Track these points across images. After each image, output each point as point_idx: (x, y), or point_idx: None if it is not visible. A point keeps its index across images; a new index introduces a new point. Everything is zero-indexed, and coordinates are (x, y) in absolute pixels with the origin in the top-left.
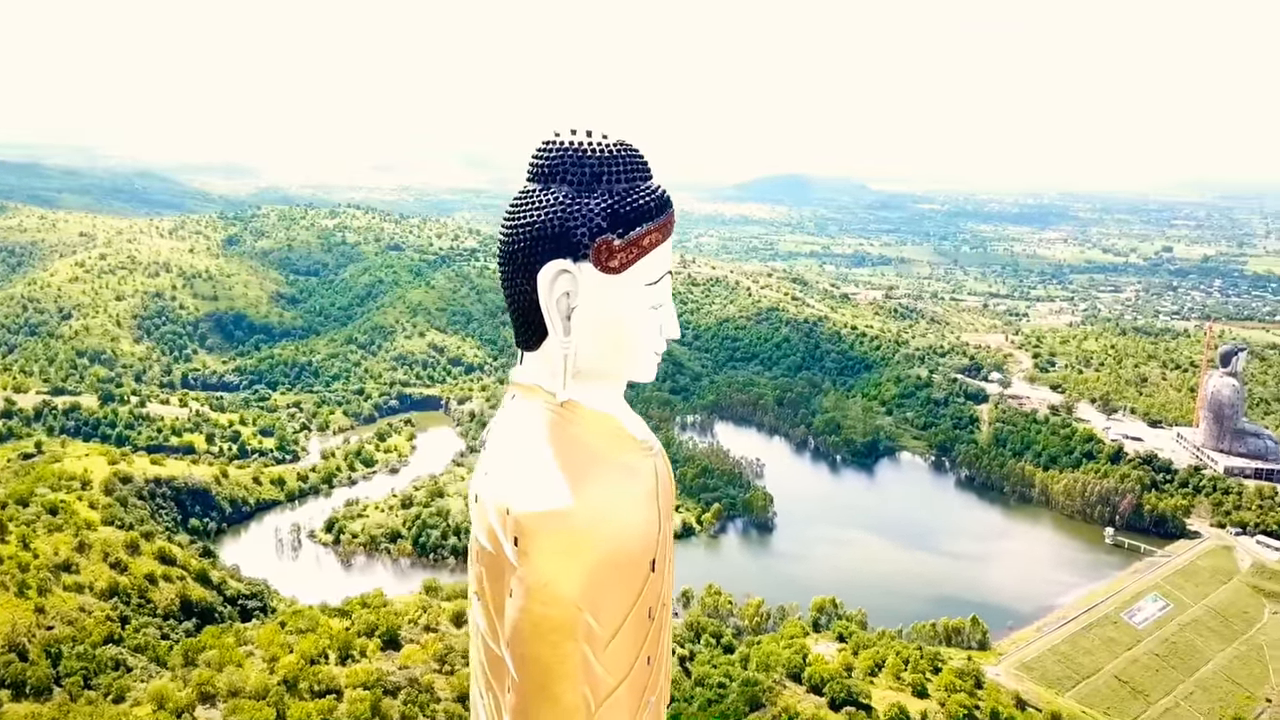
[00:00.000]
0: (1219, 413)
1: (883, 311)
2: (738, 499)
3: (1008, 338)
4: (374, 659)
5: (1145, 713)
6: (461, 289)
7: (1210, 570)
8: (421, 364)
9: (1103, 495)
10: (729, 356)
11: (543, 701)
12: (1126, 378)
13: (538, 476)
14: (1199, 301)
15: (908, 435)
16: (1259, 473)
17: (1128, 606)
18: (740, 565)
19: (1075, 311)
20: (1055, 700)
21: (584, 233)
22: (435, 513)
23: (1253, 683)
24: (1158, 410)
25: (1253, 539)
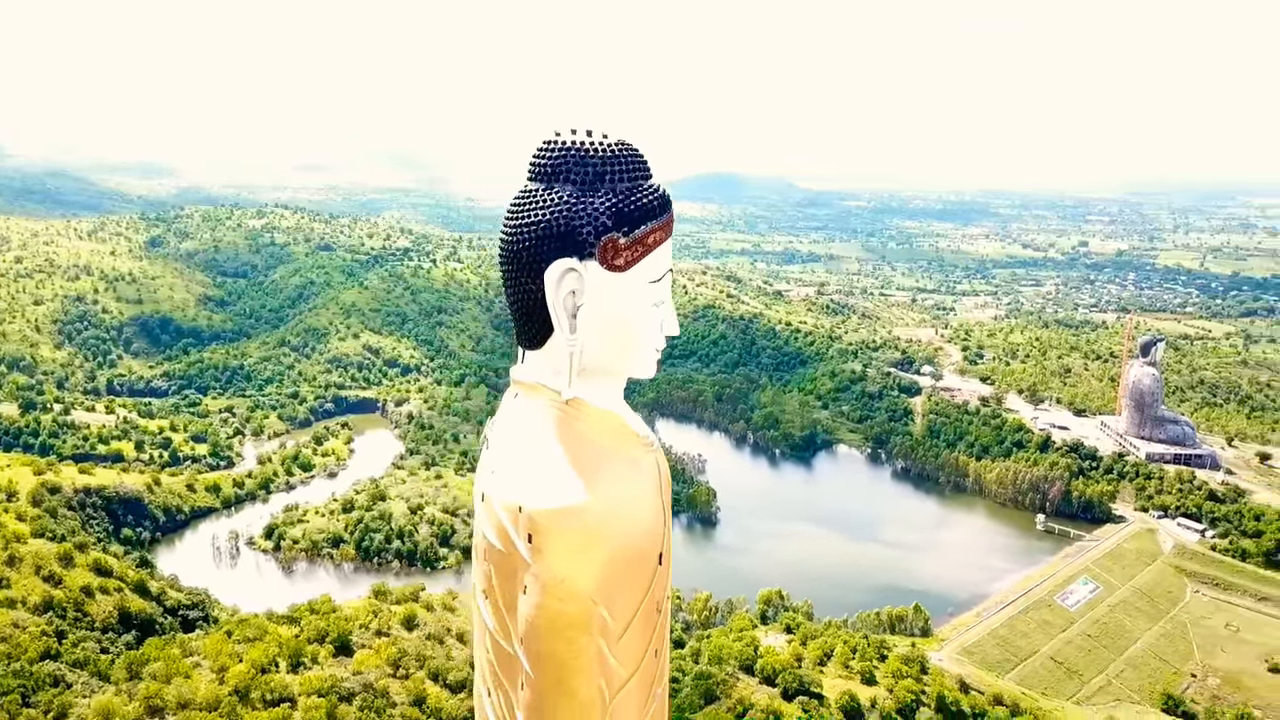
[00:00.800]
0: (1140, 401)
1: (815, 308)
2: (681, 495)
3: (937, 332)
4: (326, 665)
5: (1080, 691)
6: (396, 289)
7: (1136, 553)
8: (357, 366)
9: (1033, 483)
10: (667, 354)
11: (559, 696)
12: (1051, 369)
13: (549, 474)
14: (1115, 294)
15: (844, 428)
16: (1178, 458)
17: (1060, 590)
18: (686, 560)
19: (999, 305)
20: (996, 683)
21: (590, 231)
22: (378, 516)
23: (1178, 659)
24: (1082, 400)
25: (1174, 521)
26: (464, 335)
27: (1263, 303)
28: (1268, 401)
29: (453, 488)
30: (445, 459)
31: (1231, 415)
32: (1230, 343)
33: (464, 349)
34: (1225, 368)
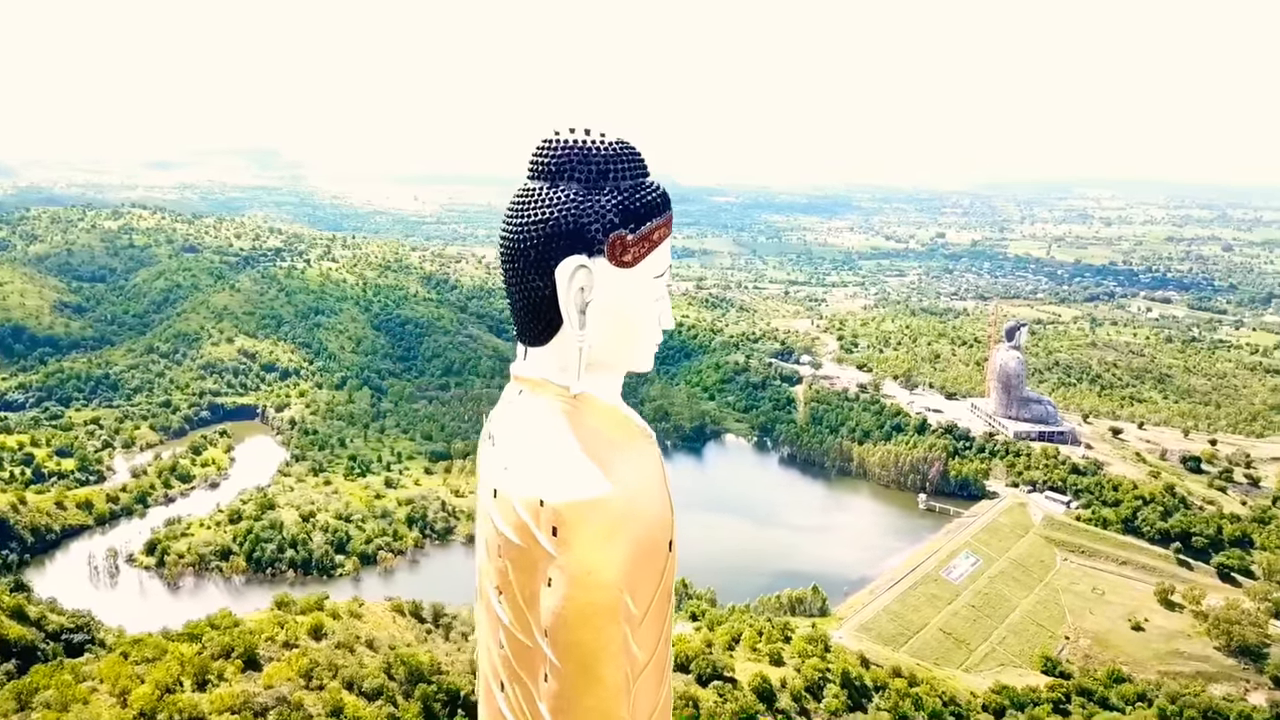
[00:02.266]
0: (1007, 383)
1: (696, 302)
2: None
3: (813, 322)
4: (235, 681)
5: (968, 659)
6: (269, 291)
7: (1010, 526)
8: (232, 371)
9: (913, 464)
10: None
11: (587, 683)
12: (922, 355)
13: (567, 468)
14: (972, 283)
15: (731, 418)
16: (1042, 435)
17: (944, 565)
18: None
19: (867, 296)
20: (893, 656)
21: (598, 229)
22: (268, 526)
23: (1053, 623)
24: (952, 383)
25: (1042, 495)
26: (344, 337)
27: (1104, 288)
28: (1115, 380)
29: (344, 493)
30: (333, 464)
31: (1085, 394)
32: (1078, 326)
33: (344, 351)
34: (1076, 350)
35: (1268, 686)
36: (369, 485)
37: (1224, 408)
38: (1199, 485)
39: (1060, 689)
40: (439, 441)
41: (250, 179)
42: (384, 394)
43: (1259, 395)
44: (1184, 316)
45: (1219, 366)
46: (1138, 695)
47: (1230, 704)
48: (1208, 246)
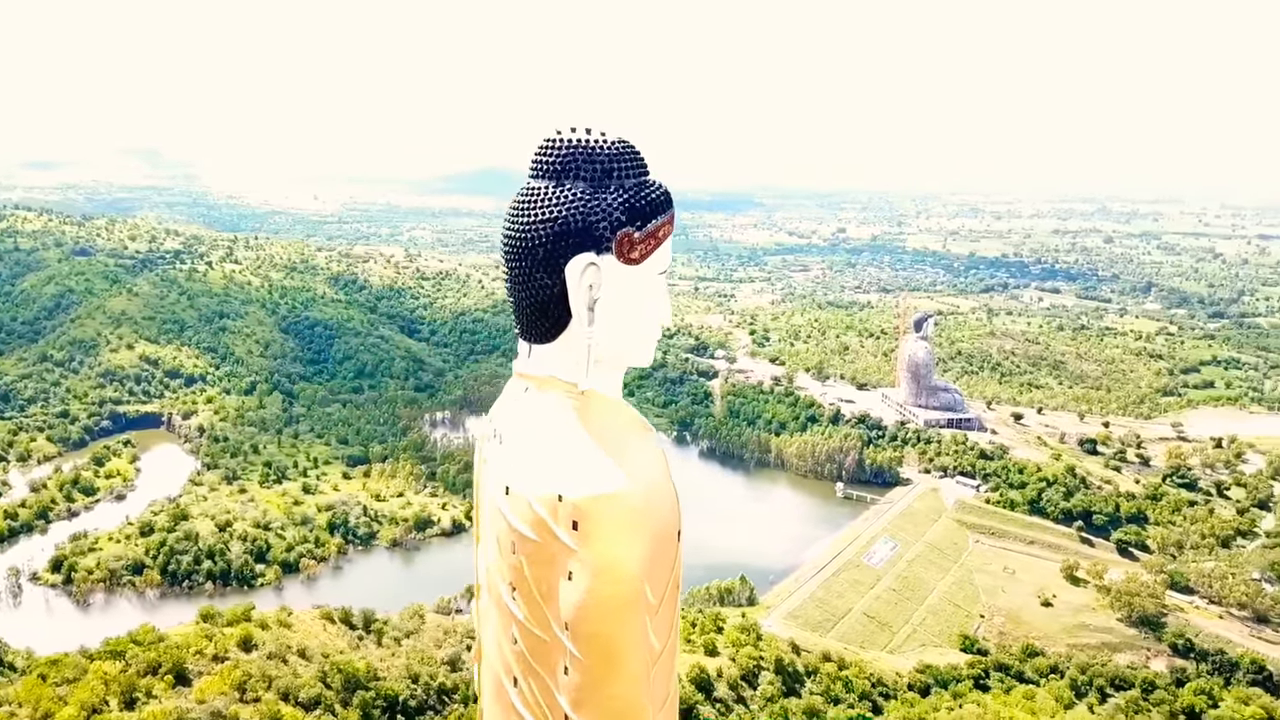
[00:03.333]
0: (916, 373)
1: None
2: None
3: (725, 318)
4: (166, 698)
5: (892, 641)
6: (170, 294)
7: (924, 511)
8: (134, 379)
9: (829, 454)
10: (470, 350)
11: (609, 673)
12: (831, 347)
13: (584, 464)
14: (874, 276)
15: (651, 414)
16: (951, 422)
17: (865, 550)
18: None
19: (775, 291)
20: (821, 642)
21: (605, 227)
22: (183, 537)
23: (969, 603)
24: (862, 374)
25: (953, 480)
26: (251, 340)
27: (998, 279)
28: (1014, 368)
29: (260, 501)
30: (248, 472)
31: (987, 381)
32: (976, 316)
33: (252, 355)
34: (977, 339)
35: (1166, 654)
36: (286, 492)
37: (1114, 391)
38: (1096, 466)
39: (979, 665)
40: (356, 445)
41: (139, 179)
42: (295, 398)
43: (1145, 379)
44: (1073, 306)
45: (1108, 353)
46: (1050, 668)
47: (1134, 671)
48: (1090, 239)
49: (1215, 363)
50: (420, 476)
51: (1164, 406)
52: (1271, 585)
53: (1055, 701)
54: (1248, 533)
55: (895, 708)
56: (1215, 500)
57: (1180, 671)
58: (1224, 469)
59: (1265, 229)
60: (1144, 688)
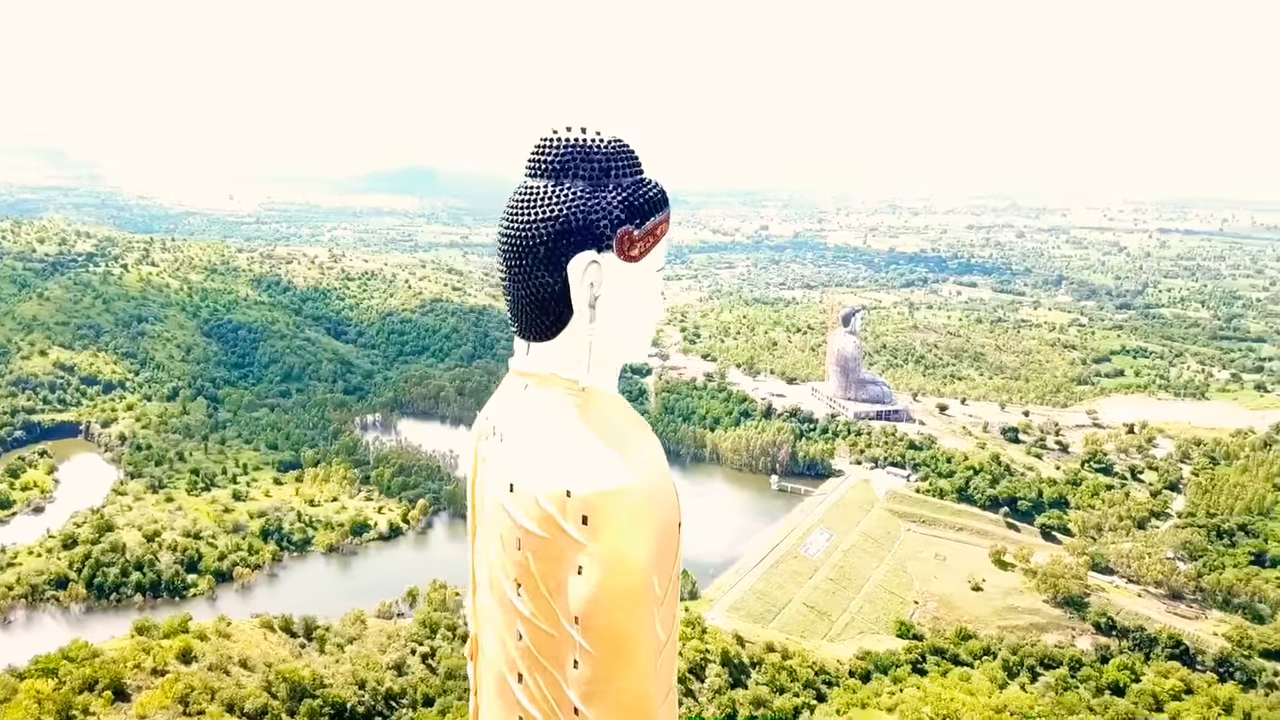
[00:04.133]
0: (845, 366)
1: None
2: (441, 493)
3: None
4: (105, 715)
5: (831, 630)
6: (84, 299)
7: (857, 501)
8: (48, 387)
9: (763, 448)
10: (399, 351)
11: (621, 665)
12: (760, 343)
13: (591, 459)
14: (798, 273)
15: None
16: (880, 415)
17: (802, 542)
18: (457, 558)
19: (701, 288)
20: (764, 633)
21: (606, 225)
22: (109, 549)
23: (903, 590)
24: (792, 369)
25: (884, 471)
26: (171, 345)
27: (917, 274)
28: (937, 360)
29: (189, 510)
30: (174, 480)
31: (911, 374)
32: (898, 311)
33: (173, 360)
34: (900, 333)
35: (1091, 632)
36: (216, 499)
37: (1032, 381)
38: (1019, 453)
39: (916, 650)
40: (286, 450)
41: (42, 179)
42: (221, 403)
43: (1060, 369)
44: (989, 299)
45: (1024, 344)
46: (984, 650)
47: (1062, 650)
48: (1003, 234)
49: (1124, 352)
50: (354, 480)
51: (1079, 395)
52: (1184, 564)
53: (990, 682)
54: (1161, 514)
55: (838, 695)
56: (1130, 484)
57: (1104, 649)
58: (1137, 454)
59: (1165, 223)
60: (1071, 665)
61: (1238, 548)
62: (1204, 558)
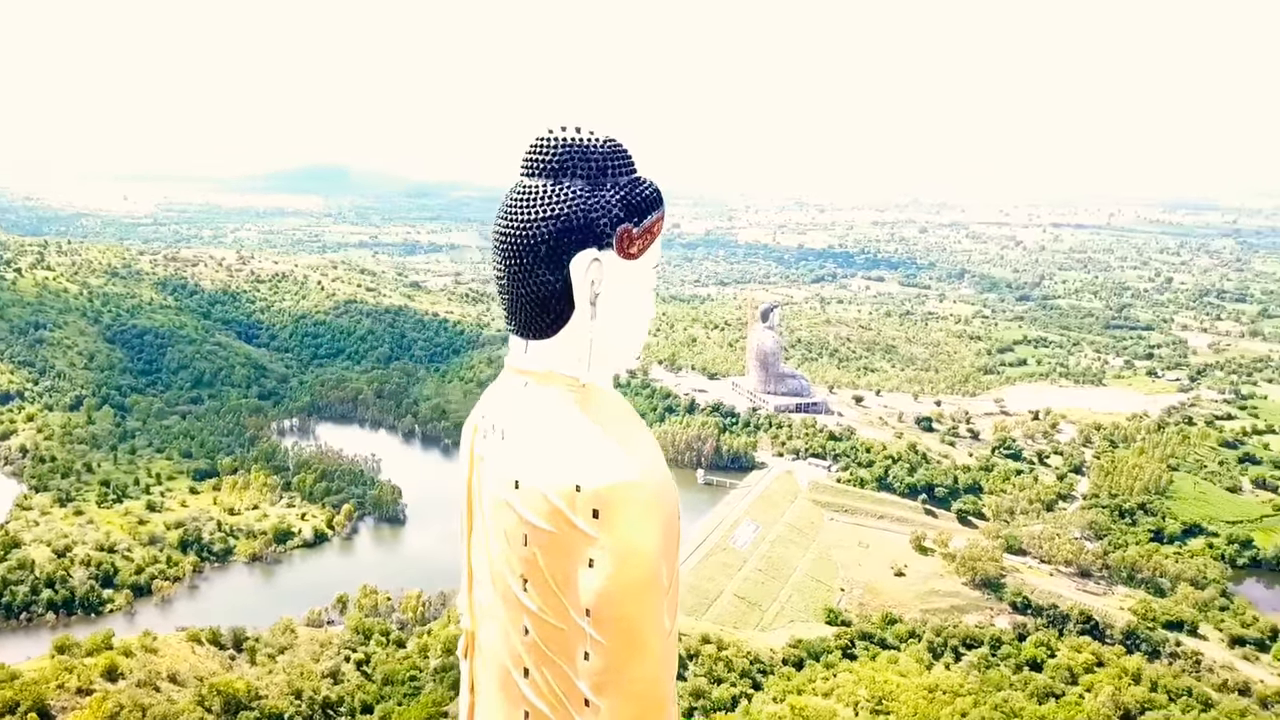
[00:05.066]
0: (764, 361)
1: (456, 297)
2: (365, 497)
3: None
4: None
5: (763, 620)
6: None
7: (781, 493)
8: None
9: (688, 443)
10: (313, 354)
11: (634, 655)
12: (680, 340)
13: (598, 454)
14: (711, 270)
15: None
16: (799, 407)
17: (730, 534)
18: (385, 562)
19: None
20: (698, 625)
21: (606, 223)
22: (16, 566)
23: (829, 578)
24: (712, 365)
25: (805, 462)
26: (73, 352)
27: (826, 270)
28: (850, 354)
29: (101, 523)
30: (83, 492)
31: (827, 367)
32: (810, 306)
33: (75, 368)
34: (814, 327)
35: (1008, 611)
36: (129, 511)
37: (941, 372)
38: (934, 441)
39: (845, 636)
40: (201, 459)
41: None
42: (128, 412)
43: (967, 359)
44: (897, 293)
45: (933, 336)
46: (909, 633)
47: (982, 630)
48: (906, 229)
49: (1026, 342)
50: (275, 487)
51: (986, 384)
52: (1091, 543)
53: (917, 664)
54: (1067, 496)
55: (774, 683)
56: (1038, 468)
57: (1021, 627)
58: (1042, 439)
59: (1057, 218)
60: (992, 644)
61: (1138, 526)
62: (1108, 536)
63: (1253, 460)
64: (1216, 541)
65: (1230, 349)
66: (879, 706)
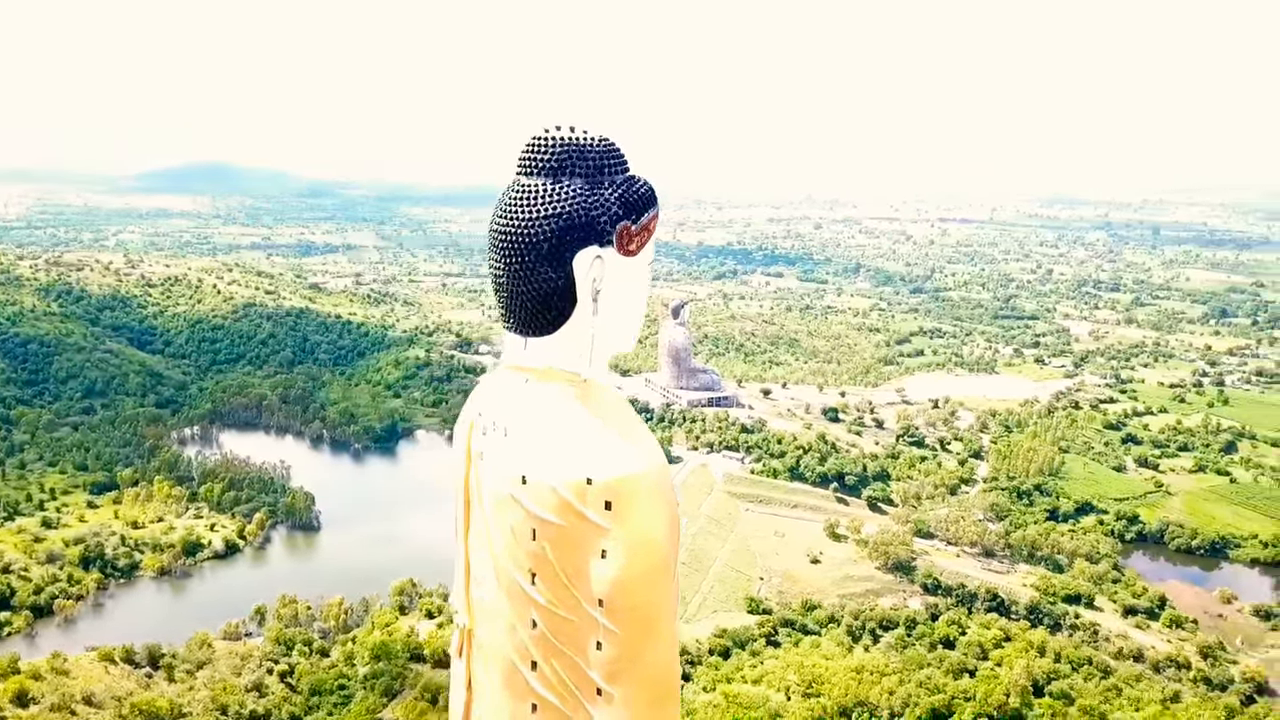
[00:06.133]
0: (676, 357)
1: (358, 299)
2: (277, 505)
3: (484, 313)
4: None
5: (686, 611)
6: None
7: (698, 485)
8: None
9: None
10: (212, 360)
11: (647, 641)
12: None
13: (606, 447)
14: None
15: (421, 414)
16: (711, 401)
17: None
18: (302, 570)
19: None
20: None
21: (606, 221)
22: None
23: (748, 567)
24: (625, 362)
25: (720, 455)
26: None
27: (727, 266)
28: (755, 348)
29: None
30: None
31: (734, 362)
32: (714, 302)
33: None
34: (720, 323)
35: (920, 593)
36: (23, 528)
37: (843, 364)
38: (841, 431)
39: (768, 623)
40: (97, 471)
41: None
42: (14, 425)
43: (867, 351)
44: (796, 288)
45: (833, 329)
46: (829, 618)
47: (897, 612)
48: (802, 225)
49: (922, 333)
50: (180, 498)
51: (886, 375)
52: (993, 524)
53: (838, 647)
54: (969, 480)
55: (703, 673)
56: (940, 454)
57: (933, 607)
58: (943, 426)
59: (944, 213)
60: (907, 625)
61: (1035, 506)
62: (1009, 517)
63: (1134, 440)
64: (1106, 518)
65: (1108, 336)
66: (809, 690)
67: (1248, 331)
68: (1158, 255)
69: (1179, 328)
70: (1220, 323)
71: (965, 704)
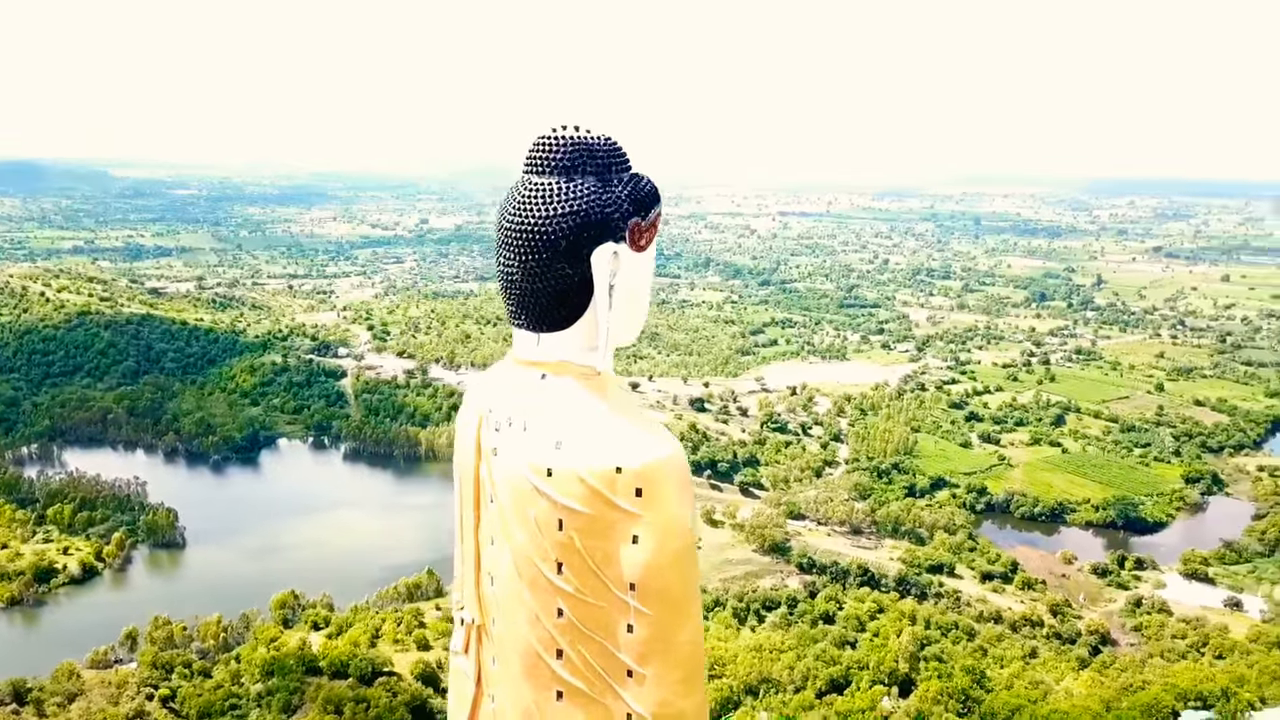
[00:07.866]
0: None
1: (202, 303)
2: (137, 523)
3: (338, 314)
4: None
5: None
6: None
7: None
8: None
9: None
10: (45, 372)
11: (679, 621)
12: (454, 337)
13: (631, 436)
14: (469, 265)
15: (282, 421)
16: None
17: None
18: (171, 589)
19: (374, 284)
20: None
21: (619, 217)
22: None
23: None
24: (491, 360)
25: None
26: None
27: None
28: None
29: None
30: None
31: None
32: None
33: None
34: None
35: (797, 572)
36: None
37: (704, 356)
38: (710, 420)
39: None
40: None
41: None
42: None
43: (724, 343)
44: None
45: (691, 322)
46: (714, 601)
47: (778, 592)
48: None
49: (775, 323)
50: (25, 521)
51: (745, 365)
52: (859, 503)
53: (727, 629)
54: (832, 462)
55: None
56: (804, 439)
57: (811, 585)
58: (803, 412)
59: (784, 207)
60: (789, 603)
61: (894, 484)
62: (872, 495)
63: (976, 418)
64: (958, 492)
65: (944, 321)
66: (713, 671)
67: (1065, 313)
68: (981, 244)
69: (1005, 311)
70: (1040, 306)
71: (861, 673)
